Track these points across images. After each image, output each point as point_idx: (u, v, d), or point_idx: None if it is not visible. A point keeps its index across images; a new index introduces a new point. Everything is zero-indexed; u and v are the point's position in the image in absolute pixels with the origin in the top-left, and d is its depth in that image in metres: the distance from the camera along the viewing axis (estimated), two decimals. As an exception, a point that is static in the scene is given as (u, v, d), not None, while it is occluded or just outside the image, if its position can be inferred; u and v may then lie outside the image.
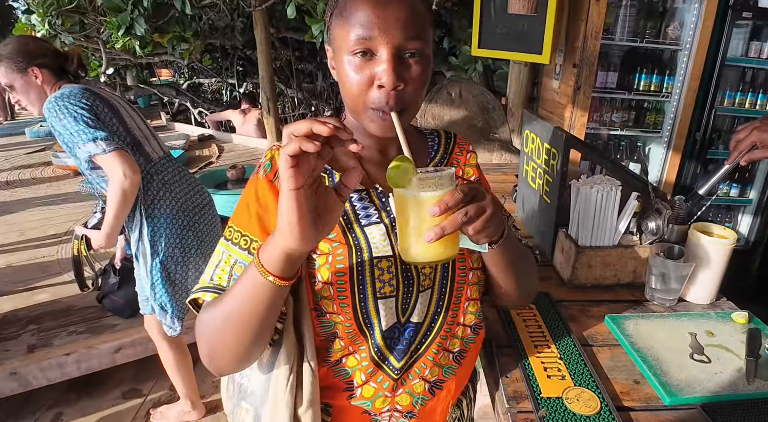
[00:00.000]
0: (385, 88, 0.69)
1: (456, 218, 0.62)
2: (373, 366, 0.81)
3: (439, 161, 0.90)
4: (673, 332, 1.07)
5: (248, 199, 0.78)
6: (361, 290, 0.78)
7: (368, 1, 0.68)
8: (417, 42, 0.70)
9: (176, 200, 1.93)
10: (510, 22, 2.79)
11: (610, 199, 1.20)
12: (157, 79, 9.39)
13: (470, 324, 0.88)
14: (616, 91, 2.98)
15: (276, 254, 0.62)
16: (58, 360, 2.39)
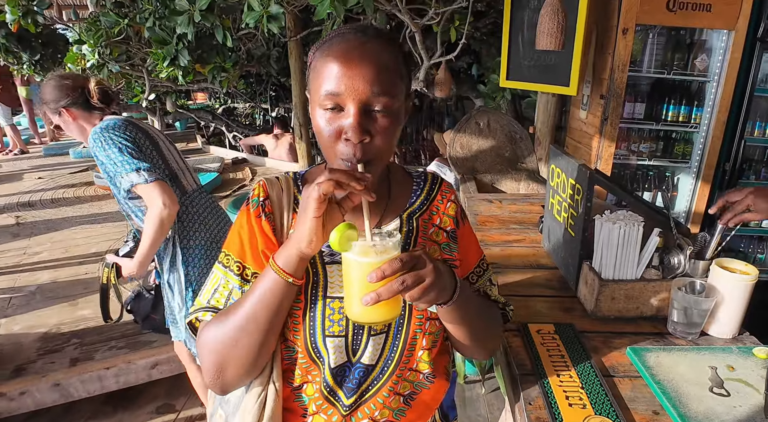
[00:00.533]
0: (350, 141, 0.74)
1: (392, 286, 0.66)
2: (322, 399, 0.87)
3: (418, 206, 0.94)
4: (694, 365, 1.10)
5: (240, 230, 0.86)
6: (311, 325, 0.84)
7: (337, 59, 0.73)
8: (384, 98, 0.74)
9: (209, 231, 2.02)
10: (538, 56, 2.87)
11: (632, 235, 1.25)
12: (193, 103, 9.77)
13: (423, 371, 0.90)
14: (643, 121, 3.01)
15: (293, 259, 0.73)
16: (99, 373, 2.52)
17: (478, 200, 2.18)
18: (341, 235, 0.69)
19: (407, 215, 0.92)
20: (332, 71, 0.73)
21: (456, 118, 6.51)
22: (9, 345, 2.74)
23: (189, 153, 7.17)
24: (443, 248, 0.93)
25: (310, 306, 0.84)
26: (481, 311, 0.90)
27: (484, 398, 2.66)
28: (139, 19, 3.52)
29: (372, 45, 0.75)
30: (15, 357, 2.61)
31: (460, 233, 0.96)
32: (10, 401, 2.38)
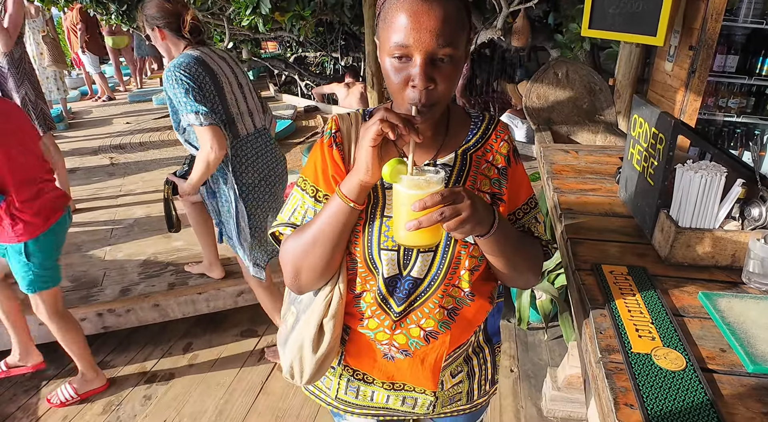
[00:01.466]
0: (417, 88, 0.83)
1: (432, 216, 0.75)
2: (376, 305, 1.00)
3: (473, 144, 1.02)
4: (764, 312, 1.14)
5: (315, 159, 0.99)
6: (369, 239, 0.96)
7: (406, 12, 0.80)
8: (447, 49, 0.81)
9: (259, 172, 2.22)
10: (624, 3, 2.75)
11: (714, 184, 1.27)
12: (265, 52, 9.96)
13: (464, 289, 1.00)
14: (735, 75, 2.85)
15: (354, 186, 0.85)
16: (192, 297, 2.81)
17: (554, 150, 2.20)
18: (392, 168, 0.80)
19: (462, 151, 1.01)
20: (401, 23, 0.80)
21: (529, 69, 6.32)
22: (115, 269, 3.09)
23: (263, 101, 7.42)
24: (493, 183, 1.01)
25: (369, 222, 0.96)
26: (519, 246, 0.97)
27: (546, 344, 2.76)
28: (222, -32, 3.66)
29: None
30: (121, 280, 2.95)
31: (511, 170, 1.03)
32: (118, 317, 2.72)
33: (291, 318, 1.09)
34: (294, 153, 5.01)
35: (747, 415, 0.88)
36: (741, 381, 0.96)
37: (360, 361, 1.10)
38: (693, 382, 0.94)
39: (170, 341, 2.91)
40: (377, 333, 1.03)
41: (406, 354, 1.04)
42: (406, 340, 1.03)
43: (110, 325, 2.74)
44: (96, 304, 2.72)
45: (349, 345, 1.09)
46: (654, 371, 0.97)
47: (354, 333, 1.07)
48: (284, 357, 1.07)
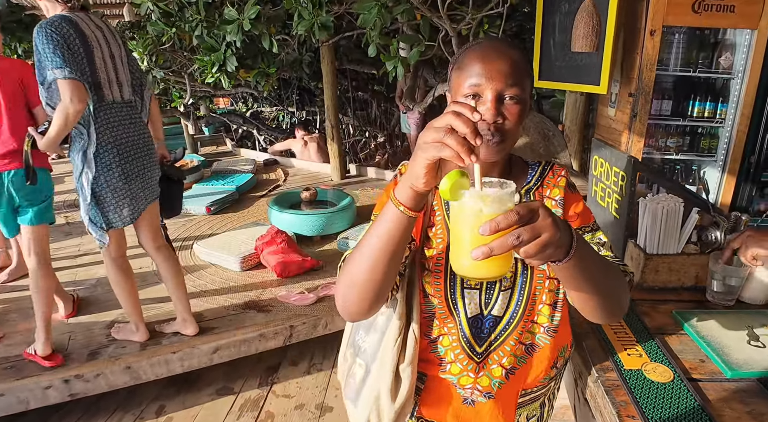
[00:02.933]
0: (485, 121, 0.87)
1: (506, 240, 0.63)
2: (460, 348, 0.98)
3: (534, 184, 1.04)
4: (732, 324, 1.27)
5: (385, 197, 0.98)
6: (452, 278, 0.96)
7: (479, 57, 0.89)
8: (514, 88, 0.88)
9: (116, 137, 2.27)
10: (569, 57, 3.04)
11: (674, 213, 1.42)
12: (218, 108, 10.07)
13: (543, 324, 0.99)
14: (670, 118, 3.16)
15: (406, 191, 0.75)
16: (165, 357, 2.72)
17: (519, 192, 2.35)
18: (453, 182, 0.66)
19: (525, 191, 1.04)
20: (475, 67, 0.89)
21: (480, 118, 6.67)
22: (80, 332, 2.96)
23: (221, 155, 7.43)
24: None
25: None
26: (601, 269, 0.84)
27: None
28: (186, 28, 3.77)
29: (504, 47, 0.91)
30: (87, 343, 2.83)
31: (567, 198, 1.03)
32: (86, 382, 2.59)
33: (360, 370, 1.04)
34: (258, 206, 5.02)
35: (733, 416, 0.98)
36: (723, 387, 1.07)
37: (437, 410, 1.05)
38: (682, 391, 1.03)
39: (141, 405, 2.79)
40: (461, 378, 1.00)
41: (489, 397, 1.01)
42: (489, 382, 1.00)
43: (78, 392, 2.61)
44: (62, 370, 2.60)
45: (424, 394, 1.05)
46: (647, 384, 1.06)
47: (432, 380, 1.03)
48: (357, 411, 1.02)
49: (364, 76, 7.06)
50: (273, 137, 7.88)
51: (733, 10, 2.75)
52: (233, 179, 5.55)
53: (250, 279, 3.40)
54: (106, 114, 2.24)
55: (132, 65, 2.41)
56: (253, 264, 3.52)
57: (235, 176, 5.74)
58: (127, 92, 2.35)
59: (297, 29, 2.85)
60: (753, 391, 1.05)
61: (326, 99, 5.26)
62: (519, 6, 4.32)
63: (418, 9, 2.90)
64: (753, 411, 0.99)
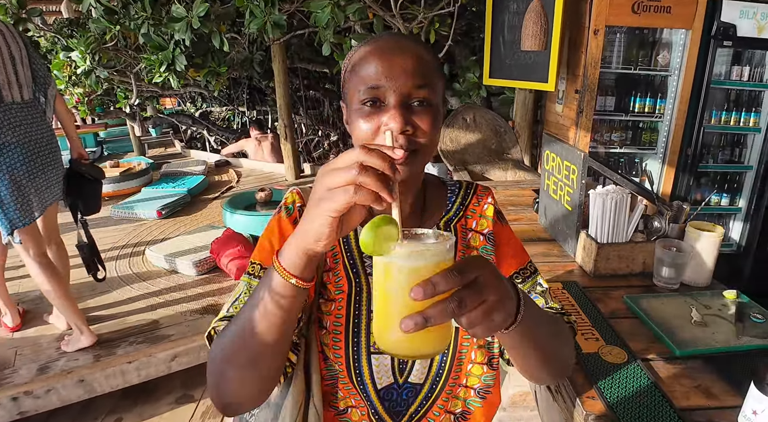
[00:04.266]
0: (392, 131, 0.68)
1: (447, 307, 0.48)
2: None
3: (454, 213, 0.89)
4: (678, 306, 1.36)
5: (272, 236, 0.80)
6: (355, 342, 0.77)
7: (375, 53, 0.71)
8: (424, 90, 0.71)
9: (18, 136, 2.28)
10: (518, 55, 3.14)
11: (622, 204, 1.50)
12: (165, 108, 9.75)
13: (474, 387, 0.84)
14: (614, 113, 3.32)
15: (299, 256, 0.59)
16: (121, 367, 2.63)
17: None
18: (376, 232, 0.51)
19: (444, 223, 0.87)
20: (371, 67, 0.71)
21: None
22: (27, 346, 2.82)
23: (170, 157, 7.21)
24: (482, 253, 0.87)
25: (354, 320, 0.77)
26: (548, 329, 0.73)
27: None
28: (132, 26, 3.64)
29: (408, 42, 0.74)
30: (36, 358, 2.70)
31: (496, 232, 0.89)
32: (36, 399, 2.47)
33: None
34: (211, 208, 4.91)
35: (683, 390, 1.05)
36: (672, 364, 1.14)
37: None
38: (636, 371, 1.10)
39: (96, 419, 2.67)
40: None
41: None
42: None
43: (27, 410, 2.48)
44: (9, 387, 2.46)
45: None
46: (604, 366, 1.12)
47: None
48: None
49: (316, 74, 7.02)
50: (224, 138, 7.72)
51: (669, 11, 2.92)
52: (184, 182, 5.40)
53: (206, 283, 3.33)
54: (6, 115, 2.24)
55: (35, 64, 2.41)
56: (210, 268, 3.46)
57: (186, 178, 5.59)
58: (27, 93, 2.37)
59: (249, 28, 2.81)
60: (699, 367, 1.13)
61: (278, 98, 5.20)
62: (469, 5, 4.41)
63: (371, 8, 2.92)
64: (700, 386, 1.06)
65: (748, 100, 3.41)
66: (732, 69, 3.29)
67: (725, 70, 3.30)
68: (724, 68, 3.30)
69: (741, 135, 3.51)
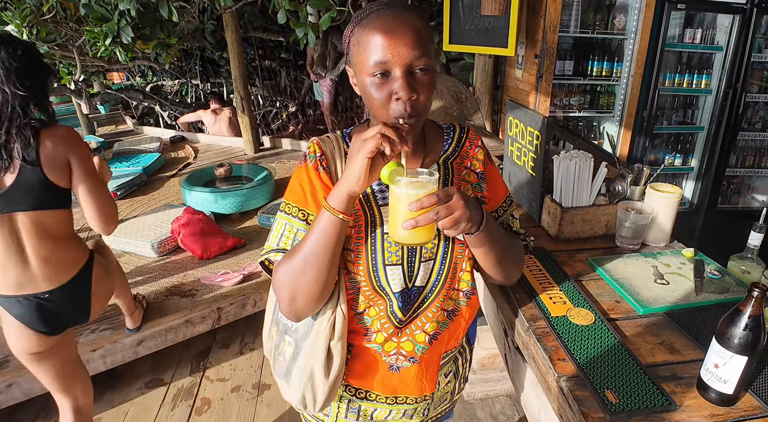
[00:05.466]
0: (401, 100, 0.86)
1: (428, 215, 0.79)
2: (386, 318, 1.02)
3: (451, 153, 1.07)
4: (640, 266, 1.40)
5: (302, 182, 0.99)
6: (373, 257, 0.97)
7: (380, 31, 0.84)
8: (423, 59, 0.86)
9: None
10: (478, 21, 3.10)
11: (585, 168, 1.52)
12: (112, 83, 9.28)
13: (463, 290, 1.06)
14: (572, 77, 3.34)
15: (343, 197, 0.84)
16: (86, 356, 2.55)
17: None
18: (391, 171, 0.84)
19: (443, 161, 1.05)
20: (377, 43, 0.85)
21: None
22: (-18, 339, 2.70)
23: (122, 135, 6.90)
24: (474, 187, 1.06)
25: (371, 241, 0.97)
26: (505, 241, 1.00)
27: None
28: (70, -4, 3.41)
29: (405, 16, 0.86)
30: (-6, 351, 2.59)
31: (488, 173, 1.09)
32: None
33: (289, 348, 1.05)
34: (169, 186, 4.75)
35: (647, 347, 1.08)
36: (636, 323, 1.17)
37: (364, 379, 1.09)
38: (603, 331, 1.13)
39: (63, 408, 2.61)
40: (385, 345, 1.04)
41: (414, 361, 1.06)
42: (413, 347, 1.05)
43: (-11, 405, 2.39)
44: (-33, 383, 2.36)
45: (351, 364, 1.07)
46: (572, 328, 1.14)
47: (358, 349, 1.06)
48: (291, 388, 1.03)
49: (272, 44, 6.80)
50: (177, 112, 7.43)
51: (624, -28, 2.92)
52: (138, 160, 5.19)
53: (169, 265, 3.24)
54: None
55: None
56: (171, 248, 3.36)
57: (141, 156, 5.37)
58: None
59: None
60: (662, 324, 1.17)
61: (233, 69, 5.01)
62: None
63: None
64: (664, 342, 1.10)
65: (699, 62, 3.49)
66: (685, 32, 3.35)
67: (678, 32, 3.37)
68: (677, 31, 3.36)
69: (693, 97, 3.62)
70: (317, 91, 7.12)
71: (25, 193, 1.57)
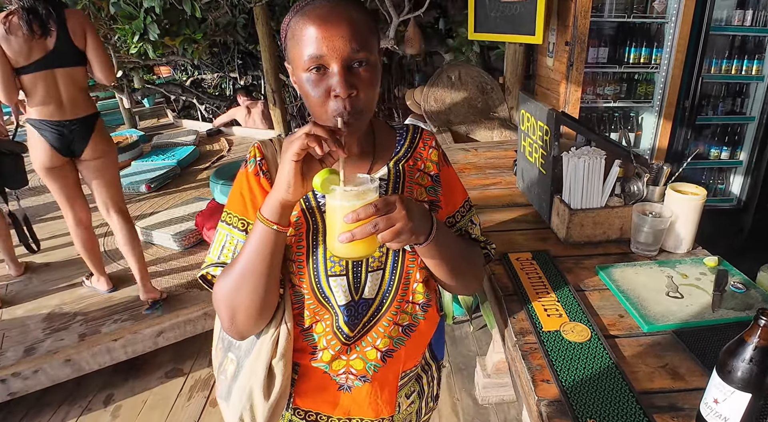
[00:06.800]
0: (339, 96, 0.79)
1: (365, 228, 0.72)
2: (332, 334, 0.94)
3: (403, 154, 1.00)
4: (653, 276, 1.27)
5: (241, 189, 0.92)
6: (314, 267, 0.90)
7: (314, 23, 0.78)
8: (362, 52, 0.79)
9: None
10: (503, 7, 2.95)
11: (595, 167, 1.39)
12: (158, 78, 9.53)
13: (419, 302, 0.98)
14: (607, 65, 3.14)
15: (275, 206, 0.77)
16: (107, 345, 2.62)
17: (454, 150, 2.31)
18: (323, 179, 0.76)
19: (393, 163, 0.99)
20: (311, 35, 0.78)
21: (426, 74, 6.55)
22: (15, 328, 2.81)
23: (162, 128, 7.09)
24: (428, 191, 1.00)
25: (312, 251, 0.90)
26: (459, 250, 0.94)
27: (473, 335, 2.86)
28: (101, -6, 3.47)
29: (342, 6, 0.80)
30: (23, 339, 2.69)
31: (443, 176, 1.02)
32: (25, 380, 2.48)
33: (231, 366, 0.99)
34: (201, 179, 4.83)
35: (647, 371, 0.97)
36: (639, 342, 1.06)
37: (313, 400, 1.02)
38: (598, 350, 1.02)
39: (88, 396, 2.69)
40: (333, 363, 0.97)
41: (365, 380, 0.98)
42: (364, 365, 0.97)
43: (17, 390, 2.49)
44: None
45: (299, 384, 1.00)
46: (564, 345, 1.04)
47: (305, 368, 0.99)
48: (230, 409, 0.97)
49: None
50: (215, 106, 7.55)
51: (664, -50, 2.70)
52: (174, 153, 5.30)
53: (191, 257, 3.28)
54: None
55: None
56: (195, 241, 3.40)
57: (176, 149, 5.49)
58: None
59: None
60: (668, 344, 1.05)
61: (264, 62, 5.01)
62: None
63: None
64: (667, 365, 0.98)
65: (751, 47, 3.20)
66: (734, 13, 3.08)
67: (726, 15, 3.09)
68: (725, 13, 3.09)
69: (743, 85, 3.32)
70: (352, 83, 7.06)
71: (61, 54, 2.37)
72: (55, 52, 2.35)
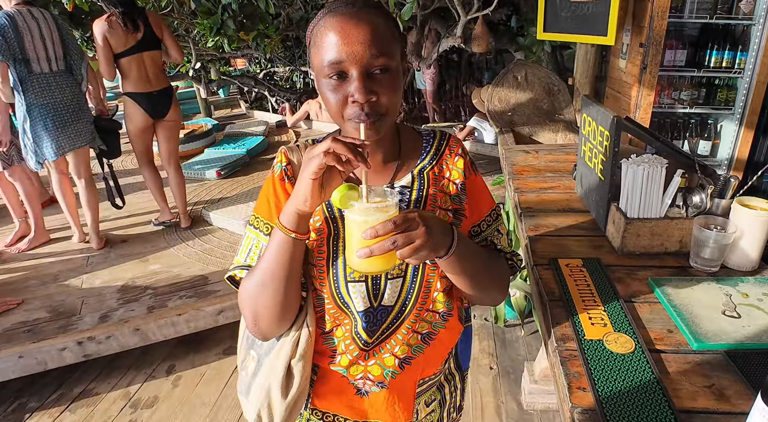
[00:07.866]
0: (357, 102, 0.80)
1: (384, 244, 0.72)
2: (351, 339, 0.95)
3: (428, 161, 1.00)
4: (710, 292, 1.22)
5: (268, 194, 0.95)
6: (335, 272, 0.91)
7: (334, 29, 0.79)
8: (382, 59, 0.79)
9: (45, 97, 3.07)
10: (575, 7, 2.87)
11: (655, 176, 1.34)
12: (234, 70, 9.96)
13: (439, 311, 0.97)
14: (685, 69, 2.98)
15: (292, 215, 0.79)
16: (172, 319, 2.81)
17: (515, 152, 2.28)
18: (342, 195, 0.77)
19: (418, 171, 0.98)
20: (331, 42, 0.79)
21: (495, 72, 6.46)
22: (93, 296, 3.07)
23: (234, 118, 7.43)
24: (453, 199, 0.99)
25: (333, 256, 0.92)
26: (481, 262, 0.93)
27: (523, 339, 2.82)
28: (184, -9, 3.69)
29: (362, 13, 0.80)
30: (99, 307, 2.94)
31: (470, 184, 1.01)
32: (98, 344, 2.71)
33: (252, 363, 1.02)
34: (268, 168, 5.03)
35: (691, 389, 0.94)
36: (686, 359, 1.02)
37: (330, 402, 1.04)
38: (641, 363, 1.00)
39: (153, 364, 2.90)
40: (350, 368, 0.98)
41: (382, 386, 0.99)
42: (381, 371, 0.98)
43: (91, 353, 2.72)
44: (75, 333, 2.70)
45: (317, 386, 1.03)
46: (605, 355, 1.03)
47: (324, 371, 1.01)
48: (249, 405, 1.00)
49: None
50: (284, 99, 7.80)
51: (755, -53, 2.53)
52: (244, 143, 5.54)
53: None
54: (33, 82, 3.01)
55: (68, 44, 3.14)
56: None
57: (246, 139, 5.73)
58: (57, 65, 3.10)
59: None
60: (718, 364, 1.01)
61: (334, 58, 5.14)
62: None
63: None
64: (713, 386, 0.95)
65: None
66: (834, 14, 2.83)
67: (826, 15, 2.85)
68: (823, 14, 2.85)
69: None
70: (419, 80, 7.09)
71: (147, 41, 3.28)
72: (143, 40, 3.25)
